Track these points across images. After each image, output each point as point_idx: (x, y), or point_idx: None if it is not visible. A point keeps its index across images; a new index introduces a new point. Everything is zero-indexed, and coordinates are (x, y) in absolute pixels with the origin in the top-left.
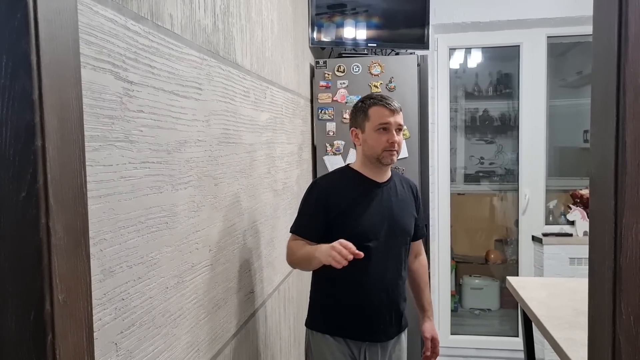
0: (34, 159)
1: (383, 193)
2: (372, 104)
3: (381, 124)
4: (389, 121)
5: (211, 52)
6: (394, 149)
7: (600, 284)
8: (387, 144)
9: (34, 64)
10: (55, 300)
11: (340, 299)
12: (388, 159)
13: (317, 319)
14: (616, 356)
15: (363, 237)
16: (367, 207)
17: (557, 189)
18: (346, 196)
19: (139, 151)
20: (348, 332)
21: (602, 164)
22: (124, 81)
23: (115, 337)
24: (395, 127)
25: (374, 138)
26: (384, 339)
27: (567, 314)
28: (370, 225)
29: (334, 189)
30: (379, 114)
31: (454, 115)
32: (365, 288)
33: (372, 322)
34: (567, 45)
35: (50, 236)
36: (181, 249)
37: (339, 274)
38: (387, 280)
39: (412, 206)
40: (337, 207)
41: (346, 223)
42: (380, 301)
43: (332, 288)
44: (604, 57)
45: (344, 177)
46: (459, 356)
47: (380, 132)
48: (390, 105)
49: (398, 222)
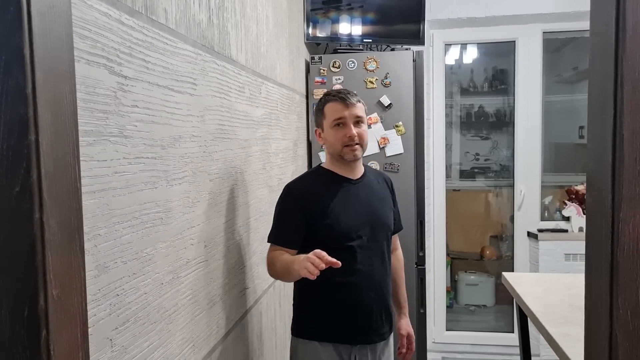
0: (28, 153)
1: (359, 190)
2: (326, 101)
3: (336, 120)
4: (344, 115)
5: (206, 47)
6: (353, 142)
7: (597, 279)
8: (345, 139)
9: (27, 58)
10: (50, 296)
11: (328, 303)
12: (350, 154)
13: (304, 325)
14: (613, 351)
15: (345, 237)
16: (346, 206)
17: (553, 185)
18: (323, 197)
19: (134, 146)
20: (338, 337)
21: (600, 158)
22: (118, 76)
23: (110, 333)
24: (352, 120)
25: (332, 135)
26: (377, 339)
27: (563, 310)
28: (351, 224)
29: (310, 192)
30: (333, 109)
31: (450, 111)
32: (354, 289)
33: (363, 323)
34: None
35: (44, 231)
36: (176, 244)
37: (326, 277)
38: (375, 278)
39: (390, 199)
40: (316, 210)
41: (326, 225)
42: (370, 300)
43: (319, 292)
44: (602, 50)
45: (318, 178)
46: (455, 352)
47: (336, 128)
48: (344, 99)
49: (379, 217)
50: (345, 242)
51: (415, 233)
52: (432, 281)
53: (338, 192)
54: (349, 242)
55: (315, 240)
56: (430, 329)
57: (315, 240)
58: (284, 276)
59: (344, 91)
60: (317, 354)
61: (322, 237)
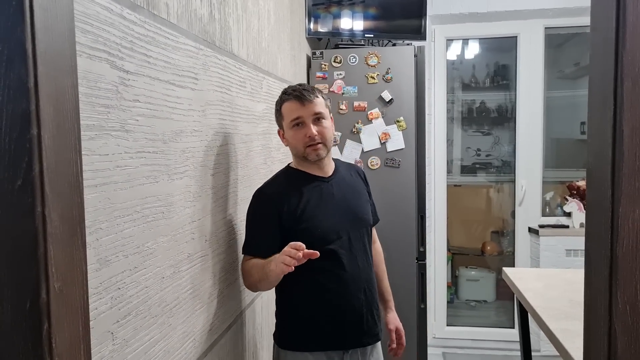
0: (30, 147)
1: (333, 188)
2: (282, 101)
3: (294, 120)
4: (301, 115)
5: (207, 42)
6: (314, 142)
7: (596, 274)
8: (306, 139)
9: (29, 52)
10: (51, 289)
11: (317, 310)
12: (313, 154)
13: (292, 335)
14: (612, 345)
15: (324, 240)
16: (322, 207)
17: (554, 181)
18: (297, 201)
19: (135, 140)
20: (330, 344)
21: (600, 153)
22: (119, 70)
23: (111, 326)
24: (310, 118)
25: (292, 136)
26: (371, 341)
27: (563, 305)
28: (329, 226)
29: (282, 195)
30: (289, 109)
31: (451, 106)
32: (343, 293)
33: (355, 327)
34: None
35: (46, 225)
36: (177, 238)
37: (311, 285)
38: (362, 277)
39: (365, 193)
40: (291, 214)
41: (303, 229)
42: (360, 303)
43: (305, 300)
44: (602, 46)
45: (290, 180)
46: (455, 347)
47: (296, 129)
48: (300, 97)
49: (357, 214)
50: (326, 245)
51: (416, 228)
52: (432, 276)
53: (312, 194)
54: (329, 244)
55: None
56: (431, 324)
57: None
58: (262, 282)
59: (299, 87)
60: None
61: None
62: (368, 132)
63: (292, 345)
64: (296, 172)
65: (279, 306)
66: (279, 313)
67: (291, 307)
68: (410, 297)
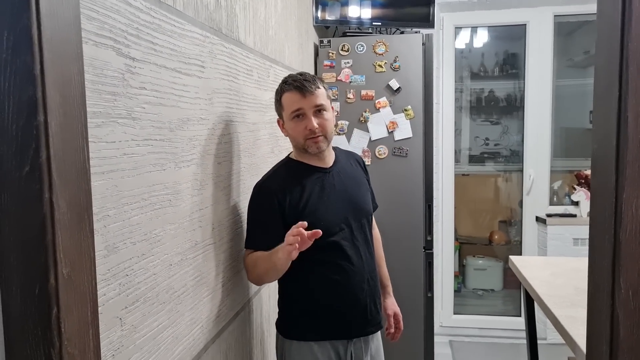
0: (37, 134)
1: (334, 179)
2: (283, 91)
3: (294, 112)
4: (302, 106)
5: (214, 30)
6: (315, 135)
7: (599, 259)
8: (306, 132)
9: (35, 38)
10: (60, 274)
11: (322, 301)
12: (313, 147)
13: (296, 325)
14: (614, 330)
15: (328, 232)
16: (324, 199)
17: (562, 170)
18: (299, 194)
19: (142, 128)
20: (336, 333)
21: (604, 140)
22: (125, 57)
23: (119, 312)
24: (312, 109)
25: (292, 128)
26: (374, 330)
27: (569, 293)
28: (332, 218)
29: (283, 188)
30: (290, 100)
31: (459, 95)
32: (346, 284)
33: (360, 317)
34: (575, 25)
35: (54, 211)
36: (184, 226)
37: (315, 276)
38: (365, 268)
39: (365, 181)
40: (293, 208)
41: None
42: (363, 292)
43: (310, 291)
44: (608, 33)
45: (291, 173)
46: (462, 335)
47: (296, 120)
48: (301, 88)
49: (358, 204)
50: (328, 237)
51: (424, 217)
52: (440, 265)
53: (313, 186)
54: (333, 236)
55: None
56: (438, 312)
57: None
58: (269, 272)
59: (300, 78)
60: (314, 354)
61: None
62: (376, 121)
63: (297, 335)
64: (297, 164)
65: (282, 297)
66: (283, 303)
67: (296, 298)
68: (417, 286)
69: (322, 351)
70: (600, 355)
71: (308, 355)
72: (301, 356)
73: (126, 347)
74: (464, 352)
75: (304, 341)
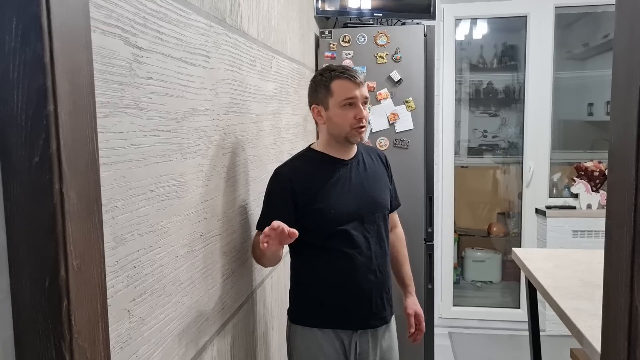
0: (47, 124)
1: (352, 170)
2: (334, 77)
3: (347, 99)
4: (355, 95)
5: (218, 19)
6: (362, 125)
7: (617, 250)
8: (354, 121)
9: (44, 26)
10: (70, 266)
11: (327, 288)
12: (357, 136)
13: (303, 312)
14: (632, 323)
15: (337, 221)
16: (337, 189)
17: (562, 162)
18: (313, 181)
19: (149, 119)
20: (339, 323)
21: (623, 131)
22: (133, 47)
23: (127, 304)
24: (361, 100)
25: (340, 115)
26: (379, 323)
27: (574, 285)
28: (343, 208)
29: (299, 176)
30: (344, 87)
31: (458, 87)
32: (352, 273)
33: (364, 308)
34: (574, 16)
35: (64, 202)
36: (190, 218)
37: (322, 263)
38: (373, 261)
39: (385, 177)
40: (305, 194)
41: (317, 210)
42: (370, 284)
43: (317, 278)
44: (629, 18)
45: (308, 161)
46: (461, 327)
47: (346, 108)
48: (354, 77)
49: (372, 198)
50: (338, 226)
51: (424, 209)
52: (439, 257)
53: (329, 175)
54: (342, 226)
55: (307, 226)
56: (438, 304)
57: (306, 227)
58: (262, 258)
59: (350, 69)
60: (317, 340)
61: (314, 222)
62: (377, 112)
63: (303, 320)
64: (315, 154)
65: (292, 283)
66: (292, 289)
67: (302, 284)
68: (417, 278)
69: (326, 338)
70: (618, 349)
71: (312, 341)
72: (306, 342)
73: (134, 339)
74: (463, 343)
75: (308, 327)
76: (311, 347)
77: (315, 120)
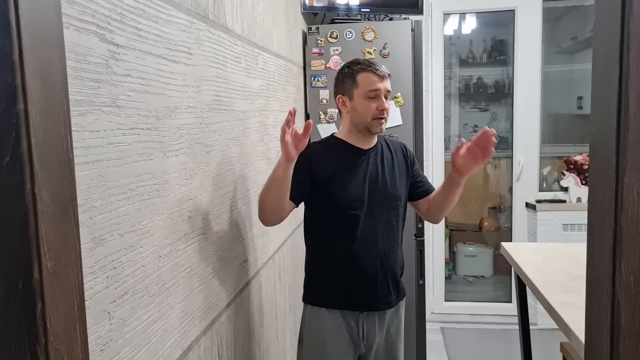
0: (17, 122)
1: (369, 159)
2: (360, 70)
3: (371, 91)
4: (379, 87)
5: (200, 16)
6: (383, 116)
7: (599, 244)
8: (376, 112)
9: (12, 22)
10: (44, 268)
11: (333, 271)
12: (377, 127)
13: (312, 292)
14: (615, 317)
15: (348, 205)
16: (352, 175)
17: (551, 156)
18: (330, 165)
19: (128, 117)
20: (344, 304)
21: (604, 122)
22: (109, 43)
23: (107, 305)
24: (384, 93)
25: (364, 106)
26: (384, 307)
27: (562, 278)
28: (355, 193)
29: (320, 157)
30: (368, 80)
31: (448, 82)
32: (357, 257)
33: (368, 291)
34: (562, 10)
35: (36, 202)
36: (173, 217)
37: (330, 245)
38: (379, 247)
39: (403, 167)
40: (322, 175)
41: (329, 193)
42: (375, 268)
43: (324, 260)
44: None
45: (329, 146)
46: (453, 322)
47: (369, 100)
48: (379, 71)
49: (385, 188)
50: (349, 210)
51: None
52: (431, 253)
53: (346, 161)
54: (352, 210)
55: (319, 208)
56: (429, 299)
57: (320, 208)
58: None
59: (375, 63)
60: (324, 320)
61: (325, 204)
62: None
63: (313, 300)
64: (337, 141)
65: (305, 262)
66: (305, 270)
67: (313, 265)
68: (408, 273)
69: (334, 318)
70: (601, 343)
71: (320, 320)
72: (315, 320)
73: (115, 341)
74: (456, 338)
75: (317, 307)
76: (319, 326)
77: (339, 110)
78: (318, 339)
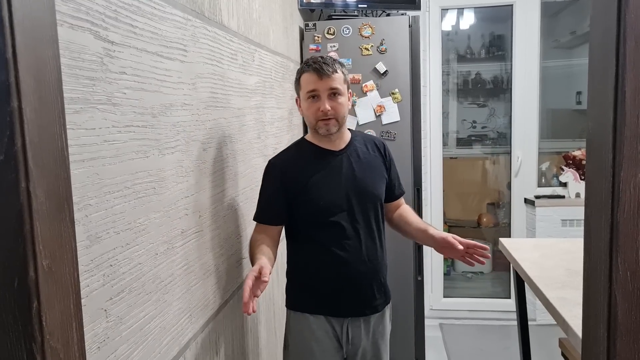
0: (11, 120)
1: (343, 161)
2: (303, 71)
3: (309, 92)
4: (316, 88)
5: (196, 12)
6: (326, 117)
7: (596, 240)
8: (318, 113)
9: (5, 20)
10: (40, 266)
11: (317, 276)
12: (323, 128)
13: (296, 298)
14: (612, 312)
15: (327, 212)
16: (327, 180)
17: (550, 151)
18: (303, 172)
19: (123, 114)
20: (329, 310)
21: (600, 117)
22: (104, 41)
23: (104, 303)
24: (326, 92)
25: (306, 107)
26: (369, 312)
27: (560, 274)
28: (333, 199)
29: (290, 166)
30: (307, 80)
31: (446, 78)
32: (342, 263)
33: (353, 296)
34: (561, 5)
35: (32, 201)
36: (170, 214)
37: (313, 252)
38: (364, 251)
39: (381, 166)
40: (295, 185)
41: (307, 200)
42: (359, 273)
43: (308, 266)
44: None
45: (299, 152)
46: (452, 318)
47: (310, 101)
48: (318, 70)
49: (364, 188)
50: (328, 217)
51: (413, 201)
52: (429, 249)
53: (319, 166)
54: (332, 217)
55: (298, 217)
56: (428, 296)
57: (299, 217)
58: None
59: (320, 60)
60: (309, 325)
61: (304, 213)
62: (363, 104)
63: (295, 305)
64: (307, 145)
65: (287, 268)
66: (287, 275)
67: (296, 271)
68: (407, 270)
69: (318, 323)
70: (598, 338)
71: (305, 325)
72: (299, 326)
73: (112, 338)
74: (454, 334)
75: (300, 312)
76: (304, 331)
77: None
78: (304, 344)
